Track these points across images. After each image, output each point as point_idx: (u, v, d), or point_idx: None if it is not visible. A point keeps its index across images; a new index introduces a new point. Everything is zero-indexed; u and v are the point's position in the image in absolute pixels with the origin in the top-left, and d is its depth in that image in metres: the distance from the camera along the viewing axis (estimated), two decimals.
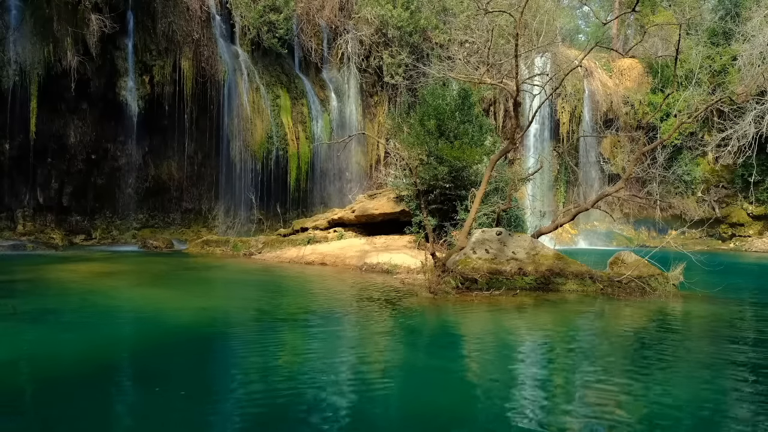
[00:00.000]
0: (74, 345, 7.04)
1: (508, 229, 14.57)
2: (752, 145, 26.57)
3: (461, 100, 18.50)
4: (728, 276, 14.69)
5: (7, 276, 13.37)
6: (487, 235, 12.46)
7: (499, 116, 29.15)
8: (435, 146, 17.54)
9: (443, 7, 28.52)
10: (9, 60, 20.02)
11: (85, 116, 22.47)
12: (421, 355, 7.16)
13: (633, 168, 14.71)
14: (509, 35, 22.73)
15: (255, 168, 24.53)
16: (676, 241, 14.30)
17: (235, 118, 24.13)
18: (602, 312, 10.16)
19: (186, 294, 11.53)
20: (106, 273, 14.20)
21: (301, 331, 8.31)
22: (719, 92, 25.21)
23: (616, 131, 30.03)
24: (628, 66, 31.97)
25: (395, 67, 27.04)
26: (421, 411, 5.06)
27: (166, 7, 22.82)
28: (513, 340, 7.99)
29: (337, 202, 25.89)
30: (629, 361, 6.78)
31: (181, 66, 23.15)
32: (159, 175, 24.68)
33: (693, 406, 5.24)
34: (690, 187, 29.96)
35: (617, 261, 12.34)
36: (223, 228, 24.92)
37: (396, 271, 14.49)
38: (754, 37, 27.00)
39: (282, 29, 25.11)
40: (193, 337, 7.69)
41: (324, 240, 19.96)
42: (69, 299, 10.35)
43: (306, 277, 14.70)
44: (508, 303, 10.34)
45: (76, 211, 23.33)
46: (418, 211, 16.68)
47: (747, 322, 9.61)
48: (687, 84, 27.74)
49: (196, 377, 6.03)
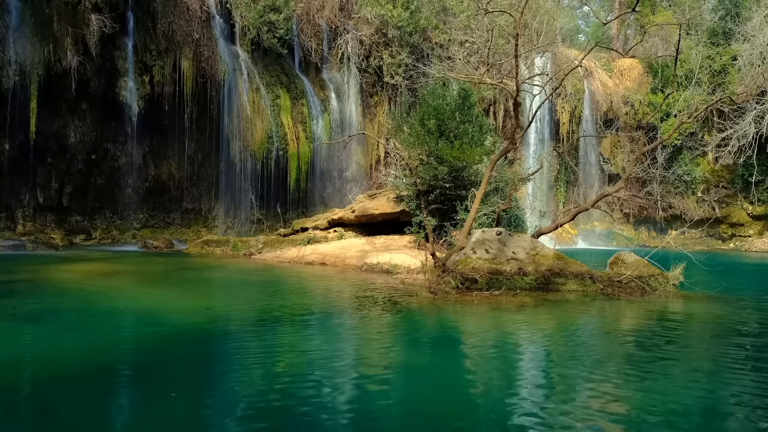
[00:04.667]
0: (74, 345, 7.04)
1: (508, 229, 14.57)
2: (752, 145, 26.59)
3: (461, 100, 18.50)
4: (728, 276, 14.68)
5: (7, 276, 13.37)
6: (487, 235, 12.47)
7: (499, 116, 29.16)
8: (435, 146, 17.54)
9: (443, 7, 28.54)
10: (9, 60, 20.02)
11: (85, 116, 22.47)
12: (421, 355, 7.16)
13: (633, 168, 14.73)
14: (509, 35, 22.74)
15: (255, 168, 24.54)
16: (676, 241, 14.30)
17: (235, 118, 24.13)
18: (602, 312, 10.16)
19: (186, 294, 11.53)
20: (106, 273, 14.20)
21: (301, 331, 8.31)
22: (719, 92, 25.21)
23: (616, 131, 30.03)
24: (628, 66, 31.96)
25: (395, 67, 27.06)
26: (422, 411, 5.06)
27: (166, 7, 22.83)
28: (513, 340, 7.98)
29: (337, 202, 25.89)
30: (629, 361, 6.77)
31: (181, 66, 23.16)
32: (159, 175, 24.68)
33: (693, 407, 5.24)
34: (690, 187, 29.95)
35: (617, 261, 12.34)
36: (223, 228, 24.92)
37: (396, 271, 14.49)
38: (754, 37, 27.01)
39: (282, 29, 25.12)
40: (193, 337, 7.69)
41: (324, 240, 19.95)
42: (69, 299, 10.35)
43: (306, 277, 14.70)
44: (508, 303, 10.34)
45: (76, 211, 23.33)
46: (418, 211, 16.68)
47: (747, 322, 9.60)
48: (687, 84, 27.75)
49: (197, 377, 6.03)
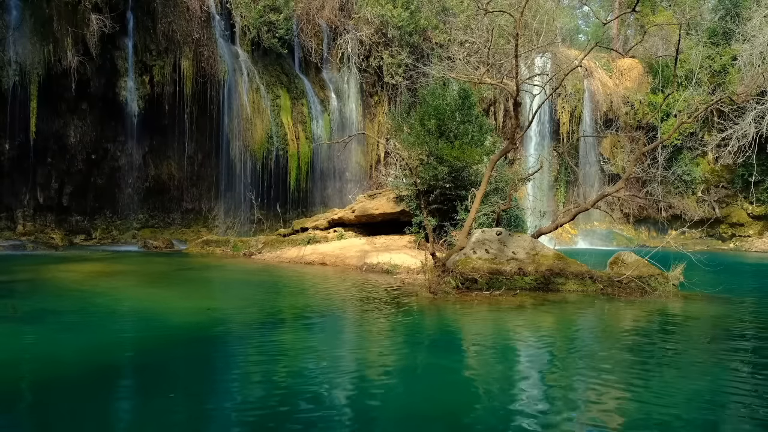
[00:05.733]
0: (74, 345, 7.04)
1: (508, 229, 14.56)
2: (752, 145, 26.57)
3: (461, 100, 18.49)
4: (728, 276, 14.68)
5: (7, 276, 13.36)
6: (487, 235, 12.46)
7: (499, 116, 29.15)
8: (435, 146, 17.54)
9: (443, 7, 28.52)
10: (9, 60, 20.01)
11: (85, 116, 22.46)
12: (422, 354, 7.16)
13: (633, 168, 14.73)
14: (509, 35, 22.73)
15: (255, 168, 24.53)
16: (676, 241, 14.31)
17: (235, 118, 24.13)
18: (602, 312, 10.16)
19: (186, 294, 11.53)
20: (106, 273, 14.20)
21: (301, 332, 8.31)
22: (719, 92, 25.19)
23: (616, 131, 30.01)
24: (628, 66, 31.96)
25: (395, 67, 27.05)
26: (422, 411, 5.06)
27: (166, 7, 22.82)
28: (513, 340, 7.98)
29: (337, 202, 25.88)
30: (629, 361, 6.78)
31: (181, 66, 23.15)
32: (159, 175, 24.67)
33: (693, 406, 5.24)
34: (690, 187, 29.94)
35: (617, 261, 12.34)
36: (223, 228, 24.92)
37: (396, 271, 14.49)
38: (754, 37, 27.00)
39: (282, 29, 25.11)
40: (193, 337, 7.69)
41: (324, 240, 19.95)
42: (69, 299, 10.35)
43: (306, 277, 14.70)
44: (508, 303, 10.34)
45: (76, 211, 23.32)
46: (418, 211, 16.68)
47: (747, 322, 9.61)
48: (687, 84, 27.73)
49: (197, 378, 6.03)
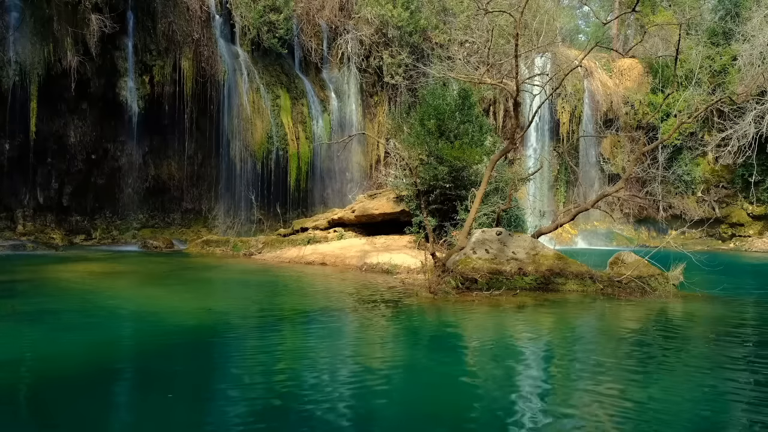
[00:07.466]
0: (74, 345, 7.04)
1: (508, 229, 14.56)
2: (752, 145, 26.58)
3: (461, 100, 18.49)
4: (728, 276, 14.68)
5: (7, 276, 13.36)
6: (487, 235, 12.46)
7: (499, 116, 29.15)
8: (435, 146, 17.54)
9: (443, 7, 28.53)
10: (9, 60, 20.01)
11: (85, 116, 22.47)
12: (421, 355, 7.16)
13: (633, 168, 14.75)
14: (509, 35, 22.74)
15: (255, 168, 24.53)
16: (676, 241, 14.30)
17: (235, 118, 24.13)
18: (602, 312, 10.16)
19: (186, 294, 11.53)
20: (106, 273, 14.20)
21: (301, 331, 8.31)
22: (719, 92, 25.21)
23: (616, 131, 30.02)
24: (628, 66, 31.96)
25: (395, 67, 27.05)
26: (422, 411, 5.06)
27: (166, 7, 22.82)
28: (513, 340, 7.98)
29: (337, 202, 25.88)
30: (629, 361, 6.77)
31: (181, 66, 23.16)
32: (159, 175, 24.68)
33: (693, 407, 5.24)
34: (690, 187, 29.94)
35: (617, 261, 12.34)
36: (223, 228, 24.92)
37: (396, 271, 14.49)
38: (754, 37, 27.00)
39: (282, 29, 25.11)
40: (193, 337, 7.69)
41: (324, 240, 19.95)
42: (69, 299, 10.35)
43: (306, 277, 14.70)
44: (508, 303, 10.34)
45: (76, 211, 23.33)
46: (418, 211, 16.67)
47: (747, 322, 9.61)
48: (687, 84, 27.72)
49: (197, 377, 6.03)
